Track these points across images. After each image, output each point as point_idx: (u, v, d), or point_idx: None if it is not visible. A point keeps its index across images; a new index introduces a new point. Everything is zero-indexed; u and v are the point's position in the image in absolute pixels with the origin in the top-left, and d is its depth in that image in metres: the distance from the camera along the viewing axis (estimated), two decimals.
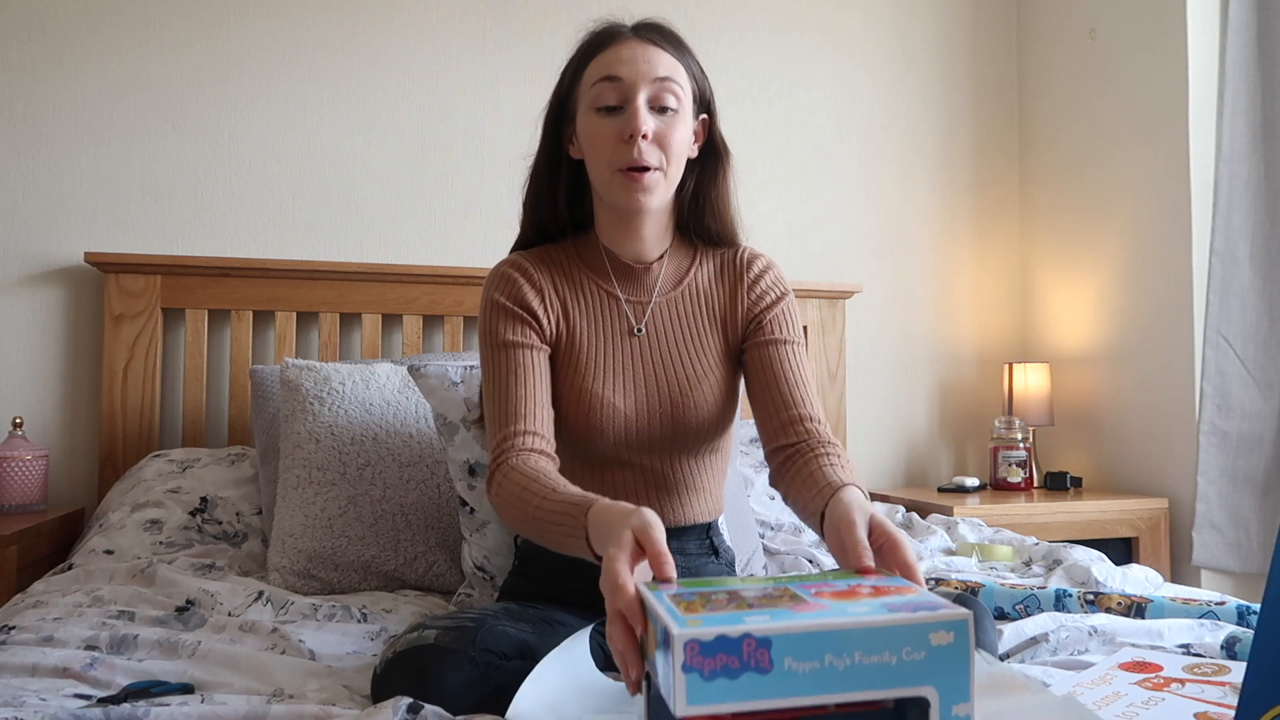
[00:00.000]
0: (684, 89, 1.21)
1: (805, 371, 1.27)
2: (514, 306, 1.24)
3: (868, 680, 0.70)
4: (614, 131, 1.18)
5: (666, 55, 1.20)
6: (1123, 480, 2.54)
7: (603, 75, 1.19)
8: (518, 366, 1.20)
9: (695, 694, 0.69)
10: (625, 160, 1.18)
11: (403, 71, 2.38)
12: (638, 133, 1.16)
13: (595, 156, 1.21)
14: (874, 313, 2.73)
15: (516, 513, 1.09)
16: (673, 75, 1.20)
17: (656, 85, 1.18)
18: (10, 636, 1.20)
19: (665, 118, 1.19)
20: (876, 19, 2.77)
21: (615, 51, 1.20)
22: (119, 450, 2.08)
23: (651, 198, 1.20)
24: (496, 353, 1.22)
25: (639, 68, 1.18)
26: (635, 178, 1.18)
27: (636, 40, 1.20)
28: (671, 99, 1.19)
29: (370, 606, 1.42)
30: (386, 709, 0.88)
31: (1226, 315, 2.26)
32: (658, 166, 1.19)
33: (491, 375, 1.22)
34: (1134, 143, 2.50)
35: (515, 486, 1.09)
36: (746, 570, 1.67)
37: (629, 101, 1.18)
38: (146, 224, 2.21)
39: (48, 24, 2.17)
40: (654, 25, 1.23)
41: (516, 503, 1.08)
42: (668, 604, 0.76)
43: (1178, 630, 1.23)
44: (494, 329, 1.23)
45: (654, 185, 1.20)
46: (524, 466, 1.11)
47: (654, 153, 1.18)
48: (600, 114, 1.19)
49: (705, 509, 1.30)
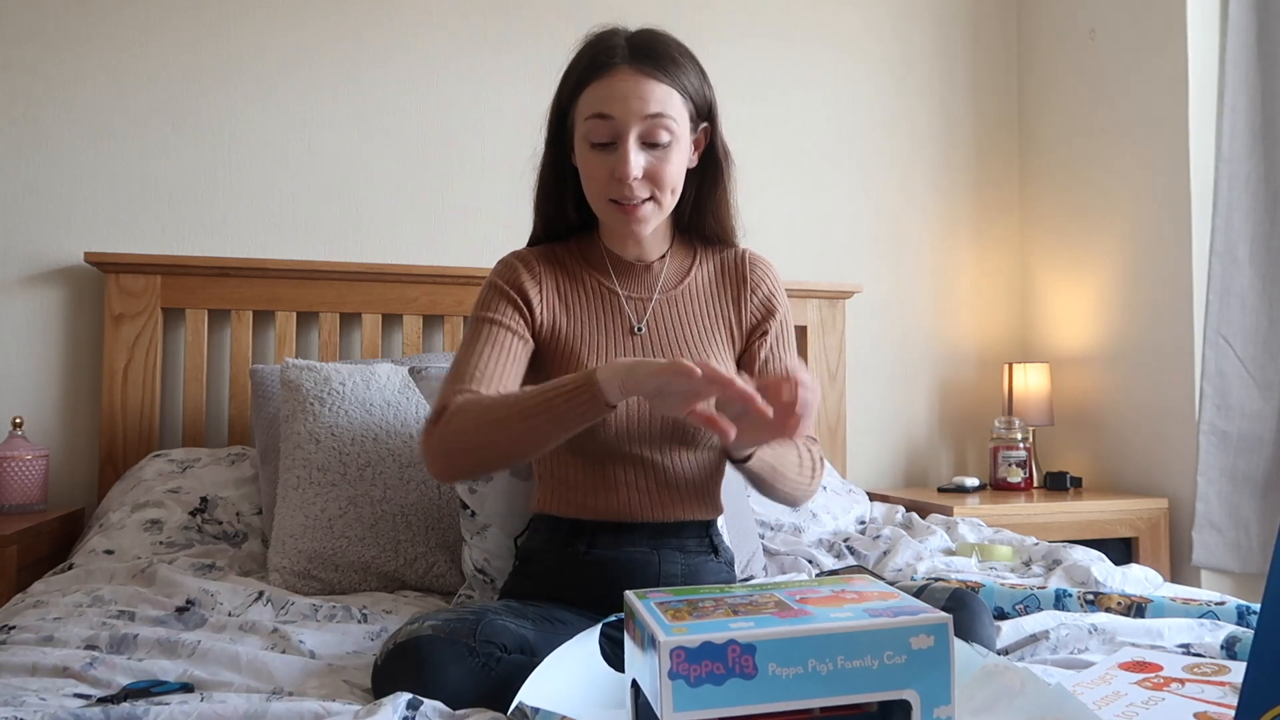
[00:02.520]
0: (678, 120, 1.21)
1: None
2: (509, 290, 1.28)
3: (851, 684, 0.72)
4: (606, 169, 1.21)
5: (660, 86, 1.19)
6: (1122, 480, 2.55)
7: (595, 112, 1.20)
8: (492, 340, 1.24)
9: (681, 700, 0.69)
10: (617, 195, 1.21)
11: (403, 71, 2.38)
12: (627, 177, 1.19)
13: (590, 188, 1.25)
14: (874, 313, 2.73)
15: (489, 415, 1.13)
16: (665, 110, 1.19)
17: (648, 123, 1.19)
18: (10, 636, 1.20)
19: (657, 153, 1.21)
20: (876, 19, 2.77)
21: (608, 85, 1.19)
22: (119, 450, 2.08)
23: (645, 227, 1.24)
24: (478, 324, 1.27)
25: (630, 105, 1.18)
26: (627, 211, 1.22)
27: (629, 71, 1.19)
28: (664, 134, 1.20)
29: (370, 607, 1.42)
30: (386, 706, 0.88)
31: (1226, 315, 2.26)
32: (649, 198, 1.22)
33: (466, 342, 1.26)
34: (1134, 143, 2.50)
35: (475, 400, 1.16)
36: (746, 570, 1.67)
37: (620, 140, 1.19)
38: (146, 224, 2.21)
39: (48, 24, 2.17)
40: (648, 47, 1.21)
41: (484, 409, 1.14)
42: (655, 611, 0.77)
43: (1178, 630, 1.23)
44: (483, 303, 1.29)
45: (647, 216, 1.23)
46: (478, 397, 1.17)
47: (645, 189, 1.21)
48: (594, 149, 1.21)
49: (705, 507, 1.30)
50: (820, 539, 1.94)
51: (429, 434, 1.18)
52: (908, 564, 1.71)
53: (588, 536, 1.25)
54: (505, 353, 1.24)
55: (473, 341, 1.25)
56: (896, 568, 1.70)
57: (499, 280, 1.29)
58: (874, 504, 2.23)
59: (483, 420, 1.14)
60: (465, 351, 1.25)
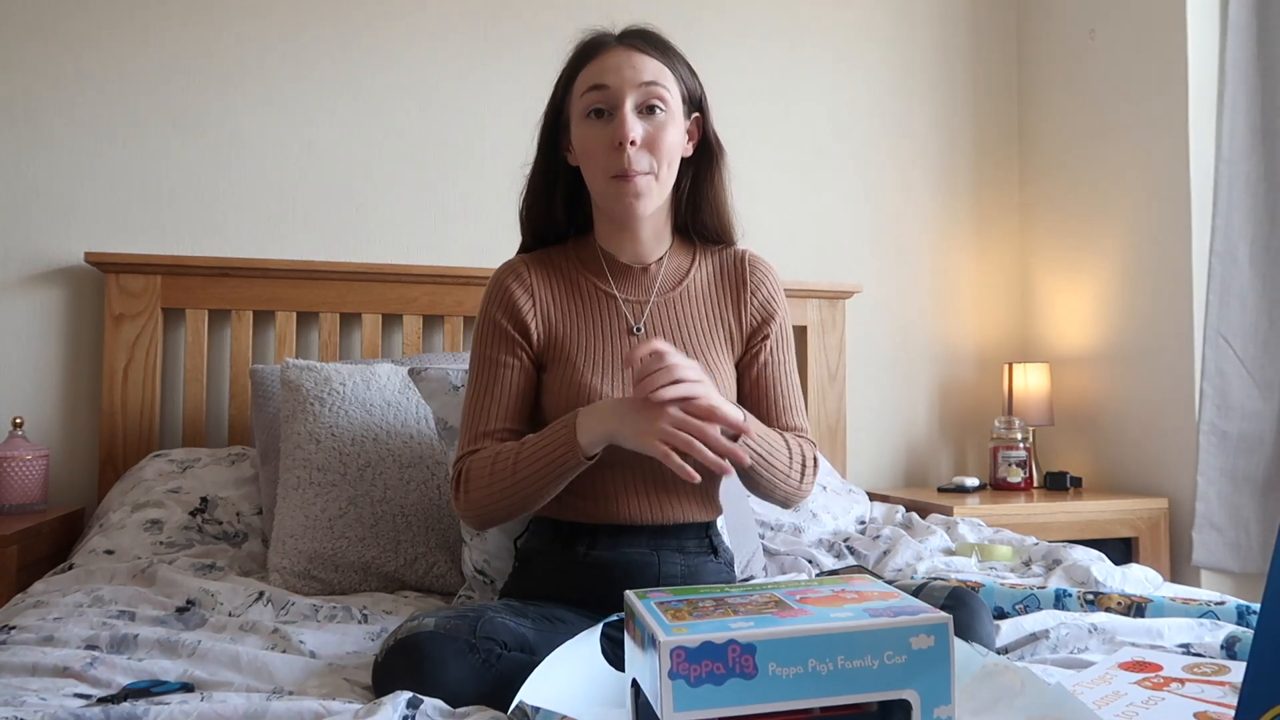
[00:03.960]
0: (671, 91, 1.25)
1: (793, 387, 1.36)
2: (502, 319, 1.29)
3: (851, 684, 0.72)
4: (605, 138, 1.22)
5: (652, 60, 1.24)
6: (1122, 480, 2.55)
7: (591, 84, 1.23)
8: (495, 383, 1.28)
9: (682, 700, 0.69)
10: (617, 167, 1.22)
11: (403, 71, 2.38)
12: (626, 139, 1.20)
13: (590, 165, 1.25)
14: (874, 313, 2.73)
15: (495, 481, 1.19)
16: (658, 79, 1.23)
17: (643, 90, 1.22)
18: (10, 636, 1.20)
19: (654, 120, 1.23)
20: (876, 19, 2.77)
21: (601, 61, 1.23)
22: (119, 450, 2.08)
23: (644, 202, 1.24)
24: (479, 365, 1.30)
25: (624, 74, 1.22)
26: (627, 183, 1.22)
27: (622, 48, 1.24)
28: (659, 102, 1.23)
29: (371, 607, 1.42)
30: (386, 705, 0.88)
31: (1226, 315, 2.26)
32: (649, 171, 1.23)
33: (471, 383, 1.30)
34: (1134, 143, 2.50)
35: (484, 464, 1.21)
36: (746, 570, 1.67)
37: (617, 108, 1.22)
38: (146, 224, 2.21)
39: (48, 24, 2.17)
40: (639, 31, 1.27)
41: (491, 474, 1.19)
42: (655, 612, 0.77)
43: (1177, 630, 1.23)
44: (481, 337, 1.31)
45: (646, 190, 1.24)
46: (484, 459, 1.22)
47: (644, 158, 1.22)
48: (591, 121, 1.23)
49: (703, 508, 1.30)
50: (820, 539, 1.94)
51: (456, 502, 1.26)
52: (908, 564, 1.71)
53: (587, 539, 1.25)
54: (506, 393, 1.27)
55: (474, 386, 1.29)
56: (896, 568, 1.70)
57: (492, 309, 1.30)
58: (874, 504, 2.23)
59: (493, 487, 1.21)
60: (471, 399, 1.29)
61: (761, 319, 1.36)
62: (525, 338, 1.29)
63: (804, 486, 1.32)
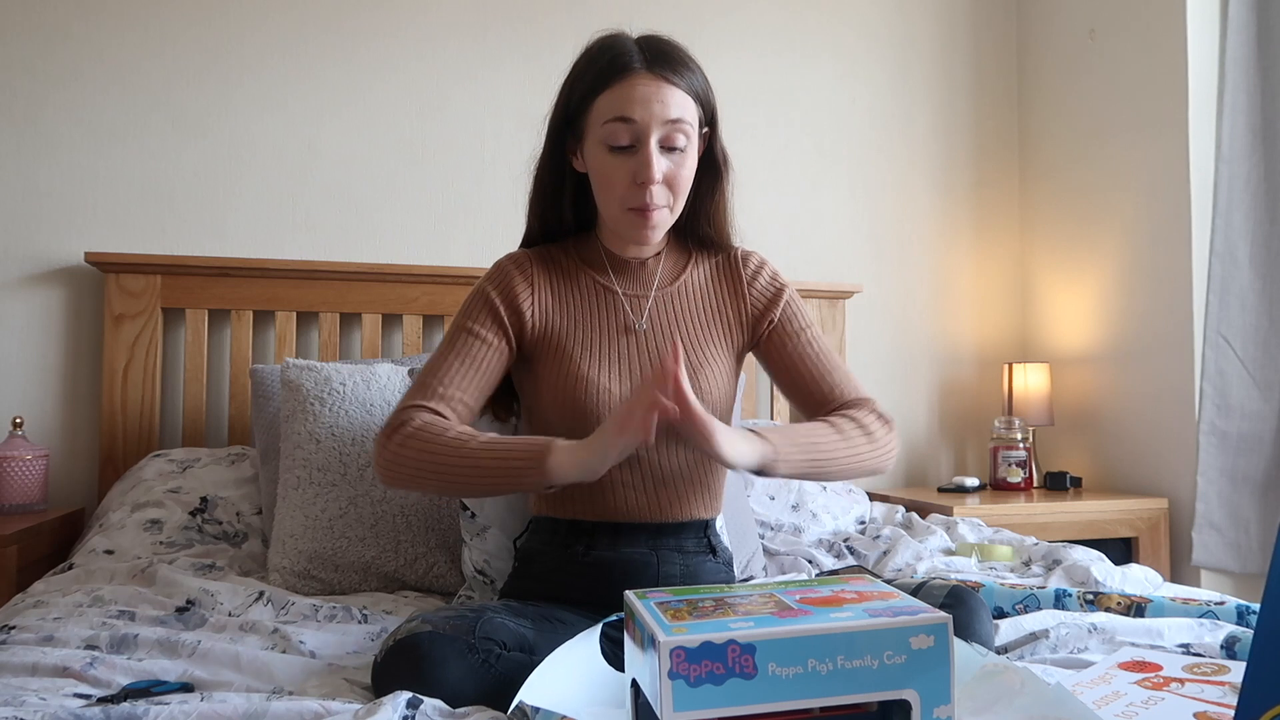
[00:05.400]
0: (693, 125, 1.24)
1: (826, 354, 1.34)
2: (496, 298, 1.28)
3: (850, 684, 0.72)
4: (626, 172, 1.21)
5: (679, 92, 1.21)
6: (1122, 480, 2.55)
7: (616, 115, 1.20)
8: (464, 353, 1.26)
9: (681, 700, 0.69)
10: (637, 201, 1.22)
11: (403, 71, 2.38)
12: (651, 181, 1.20)
13: (606, 193, 1.25)
14: (874, 313, 2.73)
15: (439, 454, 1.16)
16: (684, 115, 1.21)
17: (668, 127, 1.21)
18: (10, 636, 1.20)
19: (675, 157, 1.23)
20: (876, 19, 2.77)
21: (629, 89, 1.20)
22: (119, 450, 2.08)
23: (658, 233, 1.26)
24: (455, 333, 1.28)
25: (652, 109, 1.19)
26: (644, 217, 1.23)
27: (649, 76, 1.20)
28: (682, 138, 1.22)
29: (371, 607, 1.42)
30: (386, 705, 0.88)
31: (1226, 315, 2.26)
32: (665, 205, 1.24)
33: (441, 348, 1.28)
34: (1134, 143, 2.50)
35: (435, 431, 1.17)
36: (746, 570, 1.67)
37: (642, 144, 1.20)
38: (146, 224, 2.21)
39: (48, 24, 2.17)
40: (664, 54, 1.22)
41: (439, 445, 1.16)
42: (655, 612, 0.77)
43: (1177, 630, 1.23)
44: (466, 310, 1.29)
45: (661, 222, 1.25)
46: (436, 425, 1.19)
47: (663, 194, 1.23)
48: (612, 153, 1.22)
49: (703, 506, 1.30)
50: (820, 539, 1.94)
51: (382, 443, 1.21)
52: (907, 564, 1.71)
53: (586, 538, 1.25)
54: (474, 367, 1.25)
55: (445, 350, 1.27)
56: (896, 568, 1.70)
57: (488, 286, 1.30)
58: (874, 504, 2.23)
59: (434, 455, 1.17)
60: (436, 359, 1.26)
61: (767, 302, 1.35)
62: (515, 322, 1.28)
63: (878, 451, 1.27)
